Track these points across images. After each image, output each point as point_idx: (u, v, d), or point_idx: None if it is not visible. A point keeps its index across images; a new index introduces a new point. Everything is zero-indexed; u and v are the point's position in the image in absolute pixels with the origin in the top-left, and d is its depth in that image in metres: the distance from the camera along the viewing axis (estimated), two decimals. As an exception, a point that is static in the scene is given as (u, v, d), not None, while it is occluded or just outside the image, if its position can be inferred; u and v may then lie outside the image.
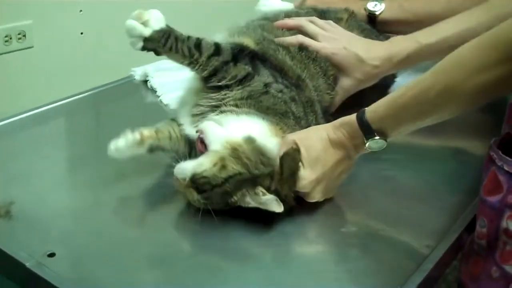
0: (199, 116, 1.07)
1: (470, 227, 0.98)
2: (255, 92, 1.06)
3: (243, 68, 1.08)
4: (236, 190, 0.95)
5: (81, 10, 1.98)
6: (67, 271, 0.84)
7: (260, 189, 0.95)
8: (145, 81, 1.49)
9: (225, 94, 1.06)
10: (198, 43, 1.07)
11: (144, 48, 1.05)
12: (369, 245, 0.94)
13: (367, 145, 0.95)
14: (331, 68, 1.21)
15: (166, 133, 1.08)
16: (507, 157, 0.87)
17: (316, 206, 1.01)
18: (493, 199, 0.89)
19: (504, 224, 0.86)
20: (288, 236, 0.96)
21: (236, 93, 1.06)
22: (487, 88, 0.83)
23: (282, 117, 1.05)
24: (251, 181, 0.95)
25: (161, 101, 1.39)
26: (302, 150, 0.98)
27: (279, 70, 1.13)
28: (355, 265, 0.89)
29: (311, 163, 0.97)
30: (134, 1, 1.35)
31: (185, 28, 1.09)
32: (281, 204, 0.93)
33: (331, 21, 1.31)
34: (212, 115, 1.05)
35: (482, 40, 0.82)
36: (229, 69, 1.07)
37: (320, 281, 0.86)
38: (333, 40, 1.24)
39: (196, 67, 1.07)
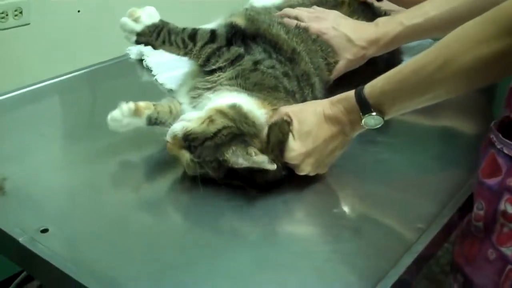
0: (196, 98, 1.09)
1: (463, 210, 0.98)
2: (244, 70, 1.08)
3: (235, 50, 1.10)
4: (226, 145, 0.95)
5: (78, -12, 1.97)
6: (60, 246, 0.85)
7: (253, 150, 0.95)
8: (141, 60, 1.49)
9: (218, 76, 1.08)
10: (194, 33, 1.12)
11: (138, 42, 1.13)
12: (360, 227, 0.95)
13: (363, 121, 0.94)
14: (333, 55, 1.21)
15: (166, 107, 1.10)
16: (507, 140, 0.87)
17: (308, 186, 1.01)
18: (492, 181, 0.89)
19: (502, 206, 0.86)
20: (280, 216, 0.96)
21: (227, 74, 1.08)
22: (486, 63, 0.82)
23: (270, 91, 1.06)
24: (241, 139, 0.96)
25: (156, 80, 1.39)
26: (295, 122, 0.98)
27: (273, 45, 1.15)
28: (346, 246, 0.90)
29: (302, 136, 0.97)
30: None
31: (183, 21, 1.12)
32: (274, 163, 0.94)
33: (314, 6, 1.33)
34: (207, 94, 1.05)
35: (484, 15, 0.82)
36: (223, 53, 1.10)
37: (311, 261, 0.86)
38: (320, 19, 1.25)
39: (191, 57, 1.12)
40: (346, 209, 0.99)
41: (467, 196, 0.99)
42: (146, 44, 1.13)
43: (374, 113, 0.93)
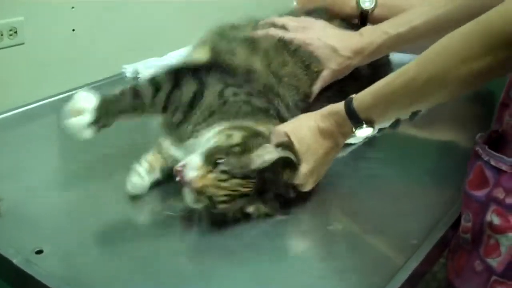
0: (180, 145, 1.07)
1: (457, 224, 0.98)
2: (215, 107, 1.06)
3: (188, 90, 1.07)
4: (252, 149, 0.96)
5: (73, 7, 1.97)
6: (55, 268, 0.85)
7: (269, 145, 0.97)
8: (136, 78, 1.49)
9: (188, 126, 1.05)
10: (136, 92, 1.05)
11: (98, 130, 1.01)
12: (355, 243, 0.95)
13: (356, 133, 0.96)
14: (316, 65, 1.22)
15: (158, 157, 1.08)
16: (493, 152, 0.88)
17: (302, 204, 1.02)
18: (479, 193, 0.89)
19: (488, 217, 0.87)
20: (274, 233, 0.96)
21: (196, 118, 1.05)
22: (473, 78, 0.83)
23: (254, 116, 1.06)
24: (256, 138, 0.98)
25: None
26: (295, 142, 0.99)
27: (228, 72, 1.14)
28: (341, 263, 0.90)
29: (304, 155, 0.99)
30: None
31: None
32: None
33: (301, 16, 1.34)
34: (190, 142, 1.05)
35: (468, 30, 0.82)
36: (176, 97, 1.06)
37: (306, 278, 0.86)
38: (306, 29, 1.26)
39: (148, 112, 1.06)
40: (340, 225, 0.99)
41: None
42: (104, 126, 1.02)
43: (365, 125, 0.95)
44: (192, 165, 0.95)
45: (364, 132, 0.96)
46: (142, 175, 1.03)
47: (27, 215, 0.97)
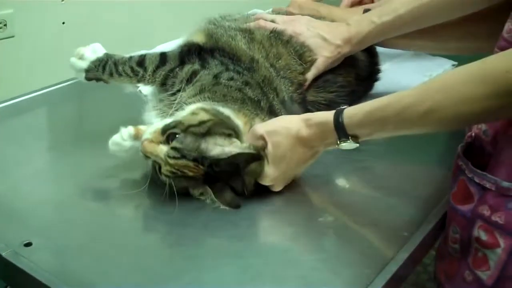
0: (163, 114, 1.08)
1: (445, 220, 0.99)
2: (207, 85, 1.08)
3: (189, 68, 1.12)
4: (211, 134, 0.96)
5: (63, 0, 1.97)
6: (44, 260, 0.84)
7: (237, 140, 0.97)
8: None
9: (180, 96, 1.08)
10: (141, 60, 1.14)
11: (87, 79, 1.16)
12: (345, 235, 0.95)
13: (339, 146, 0.94)
14: (309, 54, 1.23)
15: None
16: (477, 170, 0.88)
17: (293, 196, 1.02)
18: (464, 208, 0.90)
19: (475, 233, 0.87)
20: (265, 226, 0.97)
21: (188, 92, 1.08)
22: (473, 118, 0.84)
23: (241, 104, 1.06)
24: (225, 132, 0.97)
25: (140, 92, 1.38)
26: (269, 146, 0.98)
27: (232, 57, 1.16)
28: (331, 255, 0.90)
29: (276, 160, 0.98)
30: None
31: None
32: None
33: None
34: (172, 111, 1.05)
35: (471, 71, 0.81)
36: (177, 74, 1.11)
37: (297, 270, 0.86)
38: (294, 22, 1.28)
39: (145, 82, 1.14)
40: (330, 217, 0.99)
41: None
42: (97, 79, 1.16)
43: (350, 140, 0.94)
44: (151, 129, 0.99)
45: (348, 146, 0.94)
46: (124, 137, 1.03)
47: (16, 208, 0.97)
